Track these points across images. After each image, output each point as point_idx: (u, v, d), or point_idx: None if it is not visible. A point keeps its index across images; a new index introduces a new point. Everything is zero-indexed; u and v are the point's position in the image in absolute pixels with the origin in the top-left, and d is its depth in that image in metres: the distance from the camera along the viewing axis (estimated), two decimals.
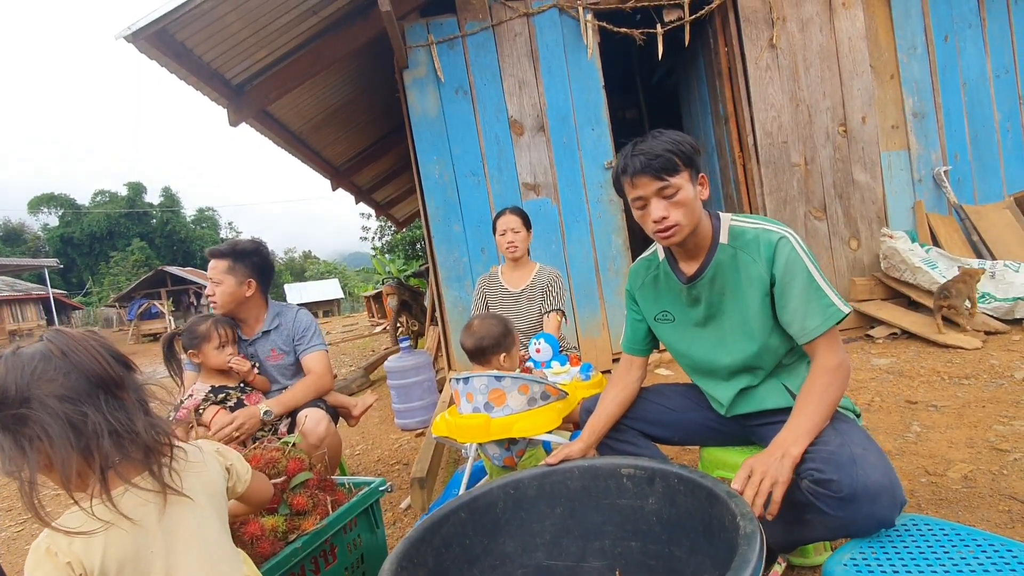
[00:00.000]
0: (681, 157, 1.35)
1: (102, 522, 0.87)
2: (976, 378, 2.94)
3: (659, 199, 1.37)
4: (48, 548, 0.87)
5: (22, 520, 3.23)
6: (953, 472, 1.99)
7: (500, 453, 1.82)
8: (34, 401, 0.85)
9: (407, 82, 4.20)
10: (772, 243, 1.37)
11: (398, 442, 3.63)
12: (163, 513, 0.94)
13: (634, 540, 1.30)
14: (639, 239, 6.14)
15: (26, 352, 0.89)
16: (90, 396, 0.89)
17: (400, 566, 1.08)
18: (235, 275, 2.19)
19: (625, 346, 1.74)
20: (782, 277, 1.35)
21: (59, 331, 0.94)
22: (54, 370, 0.88)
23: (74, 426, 0.86)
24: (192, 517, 0.98)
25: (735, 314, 1.44)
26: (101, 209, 44.84)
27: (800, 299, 1.33)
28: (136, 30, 3.10)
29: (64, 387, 0.87)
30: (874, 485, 1.13)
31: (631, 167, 1.37)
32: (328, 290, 50.57)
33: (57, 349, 0.90)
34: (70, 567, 0.86)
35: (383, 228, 20.09)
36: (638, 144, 1.39)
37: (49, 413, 0.85)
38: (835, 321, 1.30)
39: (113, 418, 0.90)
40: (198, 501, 1.00)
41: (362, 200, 8.66)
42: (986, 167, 4.69)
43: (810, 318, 1.31)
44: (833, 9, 4.45)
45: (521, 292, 2.77)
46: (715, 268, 1.44)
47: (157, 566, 0.92)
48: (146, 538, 0.91)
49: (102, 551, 0.87)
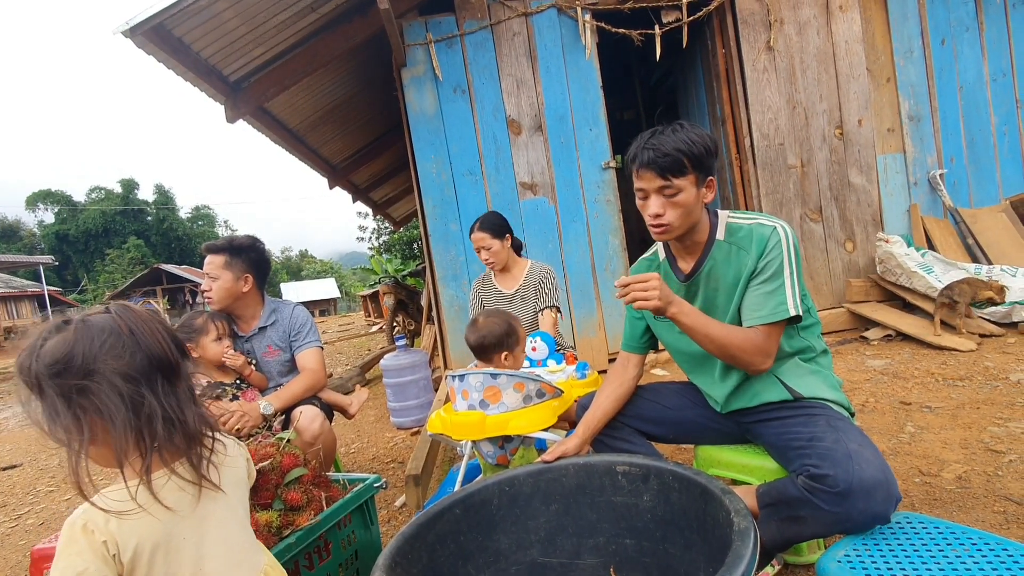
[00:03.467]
0: (691, 159, 1.34)
1: (141, 504, 0.86)
2: (971, 380, 2.95)
3: (659, 196, 1.38)
4: (85, 525, 0.86)
5: (16, 516, 3.21)
6: (947, 473, 1.99)
7: (494, 451, 1.82)
8: (98, 375, 0.84)
9: (405, 80, 4.19)
10: (764, 236, 1.38)
11: (393, 440, 3.62)
12: (197, 502, 0.94)
13: (629, 537, 1.30)
14: (636, 240, 6.15)
15: (96, 323, 0.88)
16: (149, 379, 0.89)
17: (394, 562, 1.07)
18: (232, 270, 2.18)
19: (624, 344, 1.75)
20: (762, 264, 1.37)
21: (127, 307, 0.93)
22: (122, 347, 0.87)
23: (133, 407, 0.86)
24: (223, 509, 0.98)
25: (729, 308, 1.45)
26: (97, 206, 44.66)
27: (762, 287, 1.36)
28: (134, 25, 3.09)
29: (129, 366, 0.87)
30: (870, 480, 1.14)
31: (639, 159, 1.37)
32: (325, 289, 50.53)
33: (125, 326, 0.89)
34: (105, 546, 0.85)
35: (380, 228, 20.09)
36: (655, 135, 1.38)
37: (112, 390, 0.84)
38: (778, 319, 1.33)
39: (168, 403, 0.90)
40: (229, 493, 1.00)
41: (359, 199, 8.64)
42: (982, 171, 4.71)
43: (761, 308, 1.35)
44: (830, 12, 4.46)
45: (514, 293, 2.76)
46: (711, 264, 1.45)
47: (187, 554, 0.92)
48: (179, 525, 0.91)
49: (138, 533, 0.87)
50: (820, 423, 1.32)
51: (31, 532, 2.95)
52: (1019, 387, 2.74)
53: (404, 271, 10.32)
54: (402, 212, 11.61)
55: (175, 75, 3.62)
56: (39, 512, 3.23)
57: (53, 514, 3.16)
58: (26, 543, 2.78)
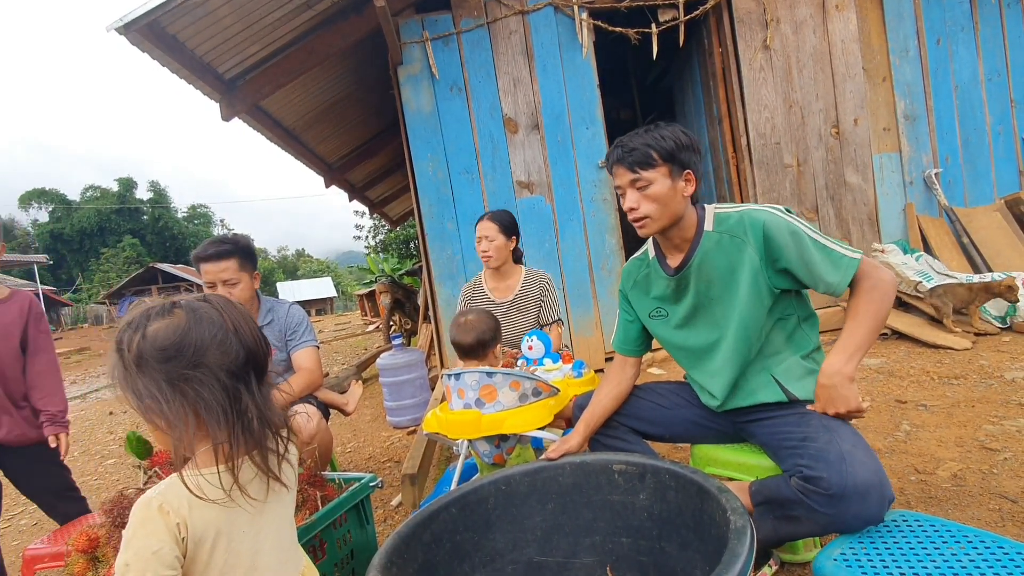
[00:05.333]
0: (660, 152, 1.38)
1: (223, 492, 0.88)
2: (966, 378, 2.96)
3: (632, 190, 1.43)
4: (161, 505, 0.86)
5: (8, 517, 3.19)
6: (943, 471, 2.00)
7: (490, 450, 1.82)
8: (205, 368, 0.87)
9: (401, 78, 4.18)
10: (759, 221, 1.38)
11: (390, 440, 3.61)
12: (266, 497, 0.96)
13: (625, 536, 1.30)
14: (633, 239, 6.15)
15: (205, 314, 0.90)
16: (246, 375, 0.92)
17: (390, 561, 1.07)
18: (246, 271, 2.15)
19: (617, 347, 1.74)
20: (791, 252, 1.35)
21: (228, 302, 0.95)
22: (228, 343, 0.90)
23: (233, 401, 0.89)
24: (281, 506, 1.00)
25: (724, 299, 1.45)
26: (92, 204, 44.45)
27: (818, 263, 1.34)
28: (128, 22, 3.07)
29: (234, 362, 0.90)
30: (863, 483, 1.14)
31: (611, 157, 1.45)
32: (321, 288, 50.45)
33: (231, 322, 0.91)
34: (179, 528, 0.86)
35: (376, 227, 20.04)
36: (628, 136, 1.44)
37: (218, 383, 0.87)
38: (854, 270, 1.32)
39: (259, 400, 0.93)
40: (289, 491, 1.03)
41: (355, 198, 8.61)
42: (977, 170, 4.72)
43: (830, 274, 1.34)
44: (826, 11, 4.47)
45: (510, 302, 2.61)
46: (701, 256, 1.45)
47: (247, 546, 0.93)
48: (243, 517, 0.93)
49: (207, 520, 0.88)
50: (813, 423, 1.31)
51: (24, 533, 2.93)
52: (1014, 385, 2.75)
53: (401, 270, 10.30)
54: (399, 211, 11.58)
55: (170, 73, 3.61)
56: (32, 513, 3.21)
57: (45, 515, 3.14)
58: (19, 544, 2.76)
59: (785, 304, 1.45)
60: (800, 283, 1.40)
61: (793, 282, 1.40)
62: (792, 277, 1.39)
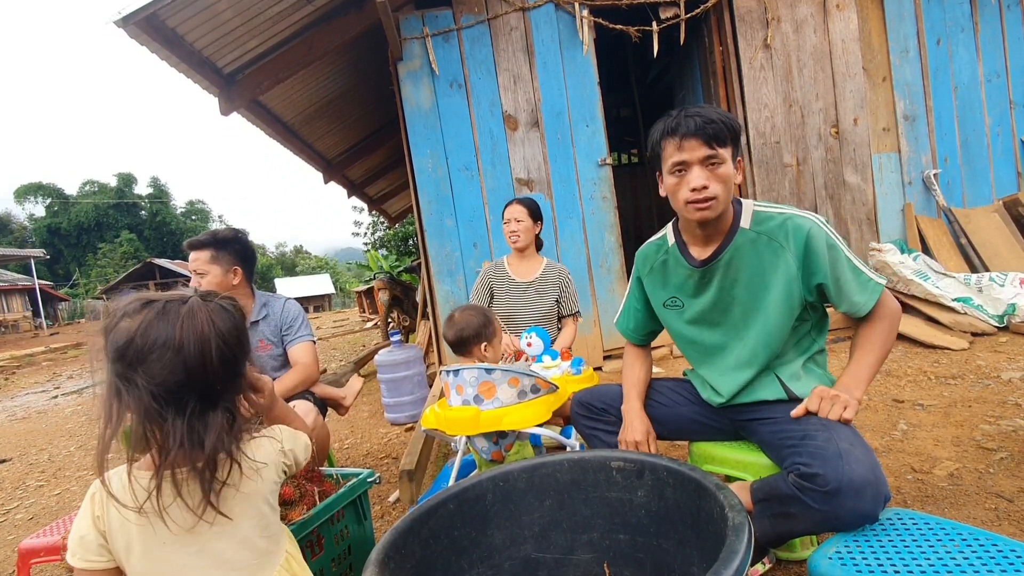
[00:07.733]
0: (731, 132, 1.32)
1: (136, 502, 0.88)
2: (963, 378, 2.97)
3: (702, 167, 1.31)
4: (94, 495, 0.92)
5: (4, 511, 3.19)
6: (939, 470, 2.00)
7: (488, 447, 1.82)
8: (139, 377, 0.86)
9: (401, 75, 4.17)
10: (803, 230, 1.34)
11: (387, 436, 3.61)
12: (194, 525, 0.92)
13: (623, 533, 1.30)
14: (632, 237, 6.14)
15: (158, 326, 0.87)
16: (180, 400, 0.88)
17: (387, 556, 1.07)
18: (220, 264, 2.13)
19: (627, 334, 1.76)
20: (827, 266, 1.34)
21: (197, 319, 0.90)
22: (169, 360, 0.87)
23: (154, 419, 0.87)
24: (221, 532, 0.96)
25: (748, 301, 1.42)
26: (89, 199, 44.32)
27: (848, 282, 1.35)
28: (126, 15, 3.06)
29: (163, 384, 0.86)
30: (859, 480, 1.14)
31: (683, 127, 1.30)
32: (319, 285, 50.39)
33: (180, 339, 0.87)
34: (98, 520, 0.90)
35: (375, 224, 20.00)
36: (690, 108, 1.33)
37: (140, 398, 0.86)
38: (879, 295, 1.35)
39: (189, 428, 0.89)
40: (238, 514, 0.97)
41: (354, 194, 8.60)
42: (975, 171, 4.73)
43: (857, 294, 1.35)
44: (827, 11, 4.47)
45: (530, 284, 2.77)
46: (732, 252, 1.40)
47: (169, 562, 0.92)
48: (165, 532, 0.91)
49: (119, 522, 0.90)
50: (812, 421, 1.31)
51: (19, 527, 2.92)
52: (1010, 385, 2.75)
53: (399, 267, 10.27)
54: (398, 208, 11.56)
55: (169, 67, 3.59)
56: (28, 507, 3.21)
57: (42, 509, 3.14)
58: (15, 538, 2.75)
59: (804, 311, 1.43)
60: (824, 297, 1.39)
61: (819, 295, 1.39)
62: (820, 291, 1.38)
